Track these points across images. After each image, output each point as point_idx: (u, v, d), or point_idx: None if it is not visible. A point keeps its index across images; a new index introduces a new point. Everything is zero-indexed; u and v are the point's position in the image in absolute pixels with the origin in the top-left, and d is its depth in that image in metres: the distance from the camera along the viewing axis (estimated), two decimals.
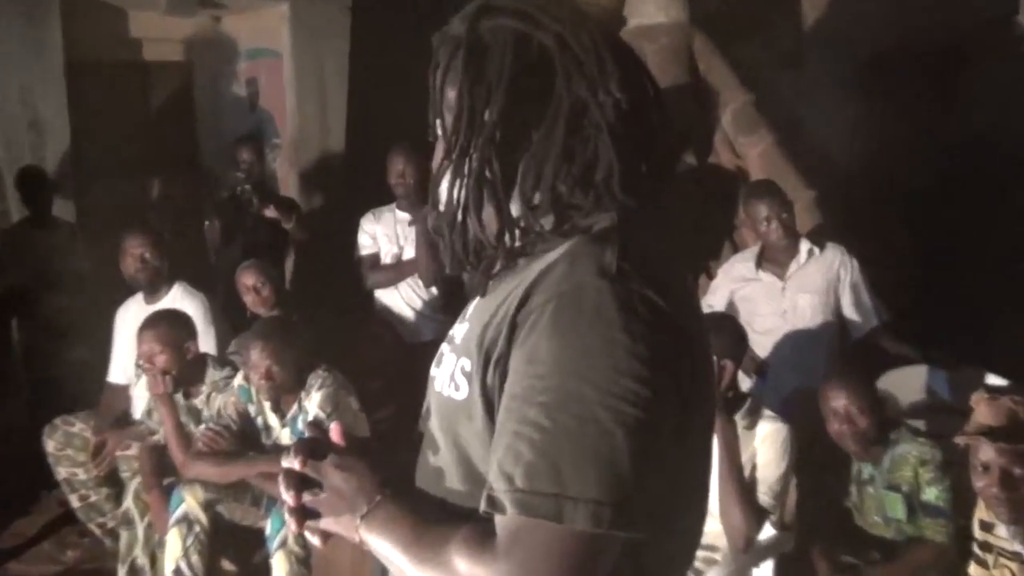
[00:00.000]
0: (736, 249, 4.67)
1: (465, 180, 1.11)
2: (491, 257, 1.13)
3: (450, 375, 1.12)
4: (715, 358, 2.73)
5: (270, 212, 4.80)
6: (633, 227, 1.07)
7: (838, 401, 2.99)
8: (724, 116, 5.03)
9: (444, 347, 1.19)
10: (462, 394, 1.09)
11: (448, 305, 4.36)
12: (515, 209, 1.10)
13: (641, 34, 5.04)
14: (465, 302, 1.21)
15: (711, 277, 4.42)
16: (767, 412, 2.95)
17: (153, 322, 3.58)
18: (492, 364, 1.06)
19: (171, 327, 3.56)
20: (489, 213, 1.10)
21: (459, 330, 1.17)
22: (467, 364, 1.10)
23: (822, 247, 4.02)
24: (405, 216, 4.45)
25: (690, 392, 1.03)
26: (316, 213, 5.57)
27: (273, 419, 3.44)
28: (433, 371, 1.18)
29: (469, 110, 1.09)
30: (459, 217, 1.12)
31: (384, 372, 4.16)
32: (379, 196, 4.56)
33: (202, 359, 3.68)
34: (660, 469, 0.98)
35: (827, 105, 4.94)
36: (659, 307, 1.01)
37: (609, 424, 0.96)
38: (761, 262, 4.05)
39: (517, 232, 1.10)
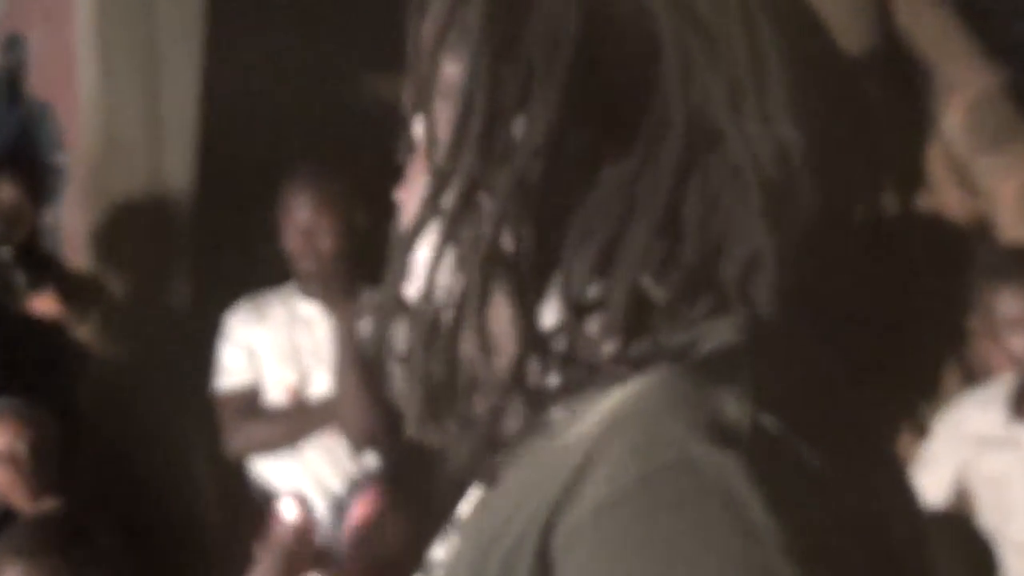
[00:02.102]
0: (970, 379, 4.72)
1: (470, 249, 1.11)
2: (499, 406, 1.14)
3: None
4: None
5: (46, 302, 4.85)
6: (772, 346, 1.09)
7: None
8: (949, 116, 5.08)
9: None
10: None
11: (397, 485, 4.37)
12: (550, 314, 1.12)
13: None
14: (432, 481, 1.24)
15: (922, 434, 4.45)
16: None
17: None
18: None
19: None
20: (503, 317, 1.12)
21: (443, 551, 1.20)
22: None
23: None
24: (314, 311, 4.52)
25: None
26: (137, 302, 5.60)
27: None
28: None
29: (487, 112, 1.10)
30: (450, 322, 1.13)
31: None
32: (261, 269, 4.63)
33: None
34: None
35: None
36: (841, 499, 1.02)
37: None
38: (1020, 406, 4.11)
39: (551, 360, 1.11)
